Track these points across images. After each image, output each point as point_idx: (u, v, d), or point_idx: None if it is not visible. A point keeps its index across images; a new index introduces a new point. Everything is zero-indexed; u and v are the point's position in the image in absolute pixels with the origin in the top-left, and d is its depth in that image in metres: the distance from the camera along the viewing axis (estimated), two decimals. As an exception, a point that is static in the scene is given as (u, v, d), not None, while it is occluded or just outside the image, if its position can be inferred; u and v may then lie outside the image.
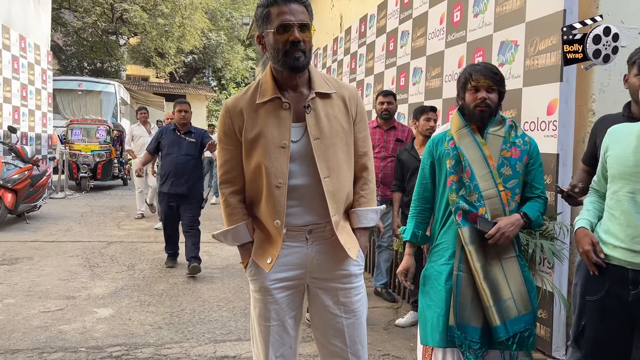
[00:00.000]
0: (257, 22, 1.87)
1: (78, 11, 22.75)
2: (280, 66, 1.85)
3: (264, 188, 1.89)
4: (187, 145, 5.40)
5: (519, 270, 2.32)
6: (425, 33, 5.10)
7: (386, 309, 4.48)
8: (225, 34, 28.04)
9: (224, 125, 1.94)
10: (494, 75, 2.32)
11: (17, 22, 10.52)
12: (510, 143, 2.34)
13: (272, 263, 1.90)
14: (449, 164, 2.36)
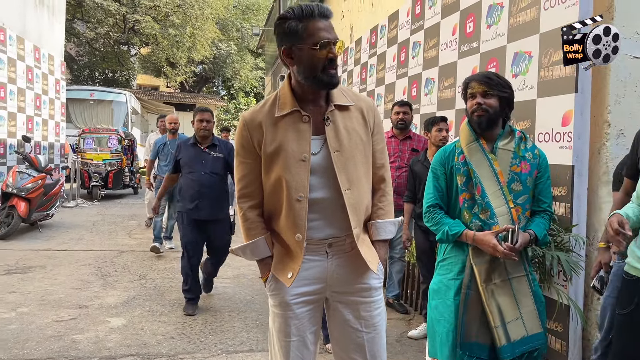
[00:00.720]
0: (285, 34, 1.82)
1: (91, 22, 23.05)
2: (313, 81, 1.83)
3: (284, 202, 1.87)
4: (212, 161, 4.48)
5: (529, 289, 2.28)
6: (437, 44, 5.11)
7: (398, 320, 4.45)
8: (235, 44, 28.27)
9: (242, 139, 1.91)
10: (488, 80, 2.29)
11: (31, 33, 10.67)
12: (520, 157, 2.31)
13: (292, 278, 1.88)
14: (460, 180, 2.34)
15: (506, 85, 2.33)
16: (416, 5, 5.69)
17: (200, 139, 4.53)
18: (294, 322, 1.92)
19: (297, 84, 1.88)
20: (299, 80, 1.85)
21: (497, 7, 4.07)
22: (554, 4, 3.44)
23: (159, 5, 22.10)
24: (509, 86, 2.35)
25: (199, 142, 4.54)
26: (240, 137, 1.93)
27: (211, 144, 4.54)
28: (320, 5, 1.81)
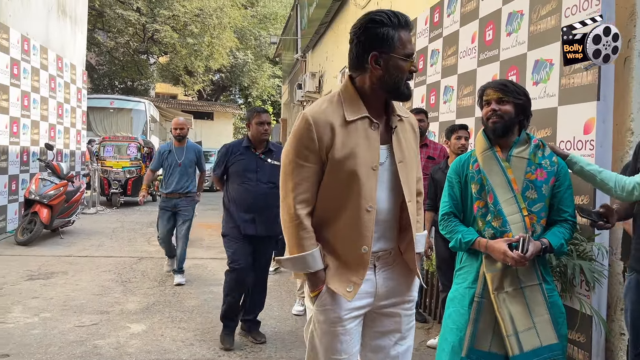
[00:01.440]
0: (377, 39, 1.73)
1: (111, 31, 23.45)
2: (392, 92, 1.79)
3: (349, 211, 1.77)
4: (269, 169, 3.92)
5: (543, 298, 2.24)
6: (456, 52, 5.11)
7: (417, 329, 4.40)
8: (252, 53, 28.51)
9: (306, 140, 1.75)
10: (503, 87, 2.29)
11: (54, 43, 10.89)
12: (536, 165, 2.28)
13: (354, 291, 1.78)
14: (474, 188, 2.34)
15: (522, 92, 2.32)
16: (434, 14, 5.70)
17: (257, 143, 4.00)
18: (344, 339, 1.82)
19: (369, 90, 1.80)
20: (375, 87, 1.79)
21: (517, 14, 4.06)
22: (575, 12, 3.42)
23: (177, 15, 22.40)
24: (525, 94, 2.34)
25: (254, 146, 4.00)
26: (303, 138, 1.76)
27: (267, 150, 4.01)
28: (407, 16, 1.79)
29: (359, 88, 1.82)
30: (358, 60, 1.79)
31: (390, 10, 1.77)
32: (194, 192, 5.90)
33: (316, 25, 12.77)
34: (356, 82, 1.83)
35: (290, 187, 1.78)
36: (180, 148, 5.87)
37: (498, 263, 2.24)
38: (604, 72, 3.19)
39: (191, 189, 5.85)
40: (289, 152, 1.80)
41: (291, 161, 1.78)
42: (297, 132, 1.78)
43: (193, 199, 5.90)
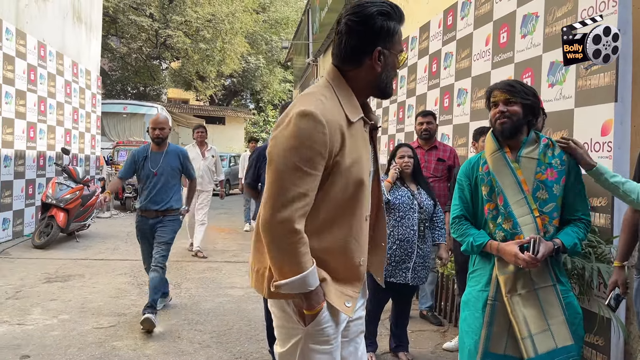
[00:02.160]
0: (382, 33, 1.57)
1: (124, 37, 23.72)
2: (380, 89, 1.65)
3: (350, 221, 1.61)
4: None
5: (557, 300, 2.22)
6: (470, 54, 5.11)
7: (433, 332, 4.42)
8: (264, 58, 28.65)
9: (320, 145, 1.48)
10: (510, 88, 2.27)
11: (70, 49, 11.03)
12: (546, 165, 2.26)
13: (352, 306, 1.64)
14: (485, 190, 2.33)
15: (530, 92, 2.30)
16: (448, 17, 5.71)
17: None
18: (336, 355, 1.66)
19: (360, 87, 1.63)
20: (368, 84, 1.63)
21: (532, 17, 4.06)
22: (591, 13, 3.41)
23: (190, 20, 22.60)
24: (533, 94, 2.32)
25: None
26: (315, 142, 1.48)
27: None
28: None
29: (350, 83, 1.62)
30: (354, 53, 1.59)
31: (390, 2, 1.61)
32: (177, 209, 4.67)
33: (327, 30, 12.81)
34: (347, 76, 1.62)
35: (291, 197, 1.48)
36: (157, 153, 4.64)
37: (510, 265, 2.23)
38: (621, 73, 3.18)
39: (173, 204, 4.61)
40: (288, 154, 1.48)
41: (294, 168, 1.48)
42: (304, 134, 1.48)
43: (177, 219, 4.67)
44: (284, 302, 1.63)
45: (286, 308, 1.63)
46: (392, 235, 3.64)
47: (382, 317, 4.07)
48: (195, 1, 22.97)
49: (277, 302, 1.65)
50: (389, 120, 7.65)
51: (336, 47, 1.62)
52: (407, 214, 3.66)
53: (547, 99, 3.81)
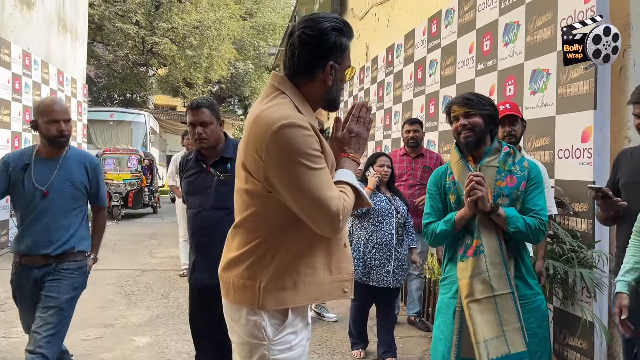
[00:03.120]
0: (335, 48, 1.61)
1: (111, 45, 23.60)
2: (329, 103, 1.69)
3: None
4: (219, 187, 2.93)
5: (514, 307, 2.23)
6: (454, 62, 5.17)
7: (420, 338, 4.44)
8: (252, 63, 28.67)
9: (314, 144, 1.53)
10: (467, 102, 2.32)
11: (55, 58, 10.98)
12: (506, 172, 2.31)
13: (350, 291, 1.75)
14: (452, 199, 2.39)
15: (487, 102, 2.36)
16: (432, 25, 5.78)
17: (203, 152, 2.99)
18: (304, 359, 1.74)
19: (312, 99, 1.67)
20: (320, 97, 1.67)
21: (514, 25, 4.13)
22: (570, 22, 3.48)
23: (176, 27, 22.56)
24: (490, 103, 2.38)
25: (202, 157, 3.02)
26: (312, 140, 1.53)
27: (219, 159, 2.98)
28: None
29: (305, 96, 1.66)
30: (307, 67, 1.61)
31: (341, 17, 1.66)
32: (82, 252, 2.94)
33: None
34: (300, 89, 1.65)
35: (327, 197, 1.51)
36: (47, 162, 2.88)
37: (468, 270, 2.26)
38: (600, 81, 3.25)
39: (75, 244, 2.88)
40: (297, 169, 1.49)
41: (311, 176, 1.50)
42: (297, 142, 1.49)
43: (80, 268, 2.94)
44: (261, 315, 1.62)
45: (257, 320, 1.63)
46: (371, 239, 3.78)
47: (369, 324, 4.10)
48: (181, 8, 22.96)
49: (241, 317, 1.64)
50: (375, 126, 7.70)
51: (288, 60, 1.64)
52: (385, 219, 3.80)
53: (529, 106, 3.88)
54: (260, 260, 1.62)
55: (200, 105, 2.80)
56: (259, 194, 1.60)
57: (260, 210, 1.62)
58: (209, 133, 2.77)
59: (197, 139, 2.78)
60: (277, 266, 1.61)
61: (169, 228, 11.64)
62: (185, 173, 2.94)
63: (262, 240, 1.62)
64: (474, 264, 2.26)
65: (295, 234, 1.61)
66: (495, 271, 2.24)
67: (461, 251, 2.33)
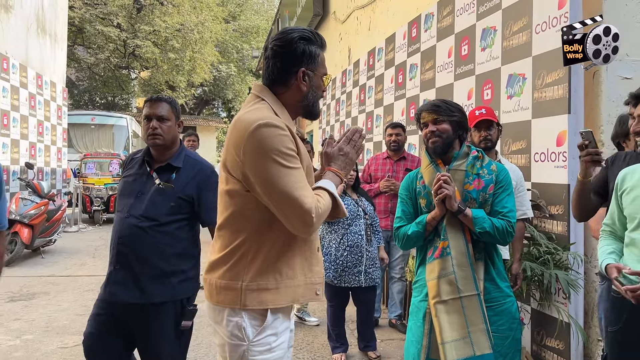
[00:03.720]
0: (305, 56, 1.71)
1: (91, 47, 23.36)
2: (307, 109, 1.78)
3: None
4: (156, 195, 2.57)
5: (480, 309, 2.26)
6: (434, 66, 5.22)
7: (401, 341, 4.46)
8: (235, 66, 28.59)
9: (288, 143, 1.60)
10: (436, 108, 2.36)
11: (34, 61, 10.83)
12: (474, 175, 2.36)
13: (321, 293, 1.81)
14: (423, 203, 2.43)
15: (455, 109, 2.39)
16: (412, 29, 5.82)
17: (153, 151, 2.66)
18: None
19: (290, 107, 1.76)
20: (297, 104, 1.76)
21: (491, 30, 4.18)
22: (545, 28, 3.54)
23: (158, 30, 22.41)
24: (459, 110, 2.41)
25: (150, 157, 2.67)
26: (289, 140, 1.61)
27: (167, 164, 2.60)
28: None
29: (282, 102, 1.76)
30: (282, 75, 1.72)
31: (310, 29, 1.79)
32: None
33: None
34: (278, 98, 1.76)
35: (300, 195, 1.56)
36: None
37: (435, 272, 2.30)
38: (574, 86, 3.30)
39: None
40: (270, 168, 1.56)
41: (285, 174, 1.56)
42: (281, 138, 1.58)
43: None
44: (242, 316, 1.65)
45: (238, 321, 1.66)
46: (342, 243, 3.86)
47: (351, 328, 4.11)
48: (163, 11, 22.81)
49: (223, 318, 1.68)
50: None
51: (265, 71, 1.76)
52: (354, 221, 3.90)
53: (506, 110, 3.93)
54: (242, 260, 1.66)
55: (161, 98, 2.59)
56: (238, 193, 1.66)
57: (240, 210, 1.67)
58: (164, 129, 2.51)
59: (150, 134, 2.49)
60: (259, 266, 1.65)
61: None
62: (126, 171, 2.61)
63: (243, 240, 1.66)
64: (441, 266, 2.30)
65: (276, 234, 1.66)
66: (462, 273, 2.27)
67: (429, 253, 2.37)
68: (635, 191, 2.10)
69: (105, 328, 2.42)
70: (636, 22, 3.37)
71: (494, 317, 2.29)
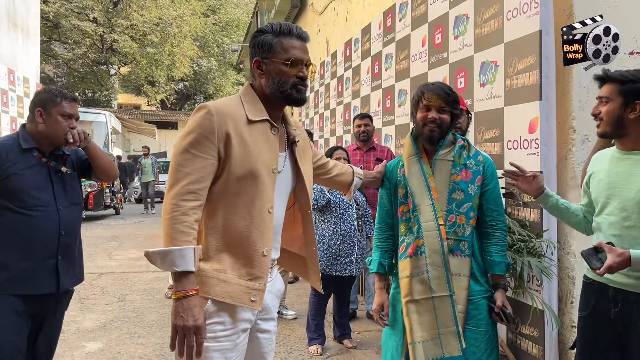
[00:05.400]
0: (259, 47, 1.81)
1: (68, 43, 22.97)
2: (281, 96, 1.80)
3: (249, 212, 1.70)
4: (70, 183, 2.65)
5: (452, 310, 2.20)
6: (408, 55, 5.18)
7: (378, 332, 4.44)
8: (216, 60, 28.34)
9: (204, 128, 1.65)
10: (446, 96, 2.25)
11: (5, 56, 10.58)
12: (461, 166, 2.28)
13: (259, 300, 1.71)
14: (401, 192, 2.34)
15: (457, 101, 2.32)
16: (387, 18, 5.77)
17: (47, 143, 2.53)
18: (232, 354, 1.71)
19: (264, 96, 1.83)
20: (267, 92, 1.81)
21: (463, 18, 4.15)
22: (516, 14, 3.51)
23: (136, 24, 22.11)
24: (458, 102, 2.34)
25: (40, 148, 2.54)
26: (201, 126, 1.66)
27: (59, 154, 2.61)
28: (298, 27, 1.84)
29: (257, 93, 1.84)
30: (251, 68, 1.86)
31: (279, 22, 1.87)
32: None
33: (276, 32, 12.76)
34: (254, 88, 1.86)
35: (178, 177, 1.63)
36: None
37: (408, 269, 2.25)
38: (545, 72, 3.28)
39: None
40: (181, 143, 1.67)
41: (184, 151, 1.65)
42: (194, 122, 1.67)
43: None
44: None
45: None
46: (335, 232, 3.92)
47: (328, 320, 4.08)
48: (141, 4, 22.49)
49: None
50: (336, 122, 7.68)
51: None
52: (347, 211, 3.97)
53: (479, 99, 3.90)
54: (199, 237, 1.70)
55: (77, 99, 2.65)
56: None
57: None
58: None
59: (68, 132, 2.48)
60: (204, 252, 1.68)
61: (131, 229, 11.40)
62: (10, 166, 2.38)
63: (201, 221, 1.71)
64: (414, 264, 2.23)
65: (215, 222, 1.70)
66: (435, 272, 2.20)
67: (402, 249, 2.29)
68: (599, 175, 2.08)
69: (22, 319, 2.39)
70: (607, 6, 3.36)
71: (473, 310, 2.24)
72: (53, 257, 2.42)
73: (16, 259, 2.33)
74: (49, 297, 2.44)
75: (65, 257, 2.47)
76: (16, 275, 2.33)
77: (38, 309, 2.42)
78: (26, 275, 2.36)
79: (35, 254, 2.37)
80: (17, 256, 2.33)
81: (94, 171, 2.67)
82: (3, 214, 2.33)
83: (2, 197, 2.34)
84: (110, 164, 2.72)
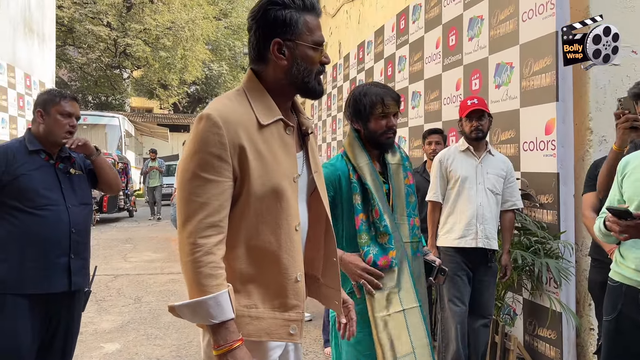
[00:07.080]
0: (278, 24, 1.42)
1: (82, 47, 23.24)
2: (301, 87, 1.48)
3: (275, 233, 1.42)
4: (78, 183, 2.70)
5: (422, 322, 2.11)
6: (422, 57, 5.18)
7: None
8: (227, 64, 28.50)
9: (213, 145, 1.35)
10: (400, 101, 2.19)
11: (21, 61, 10.74)
12: (407, 169, 2.25)
13: (299, 332, 1.45)
14: (356, 200, 2.11)
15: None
16: (400, 21, 5.78)
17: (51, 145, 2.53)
18: None
19: (275, 86, 1.48)
20: (282, 82, 1.47)
21: (478, 19, 4.14)
22: (532, 16, 3.50)
23: (149, 28, 22.30)
24: None
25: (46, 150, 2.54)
26: (209, 144, 1.35)
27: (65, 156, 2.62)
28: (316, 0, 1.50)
29: (265, 84, 1.48)
30: (259, 50, 1.46)
31: None
32: None
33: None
34: (261, 77, 1.49)
35: (193, 209, 1.34)
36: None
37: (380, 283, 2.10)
38: (562, 74, 3.27)
39: None
40: (187, 165, 1.37)
41: (193, 176, 1.35)
42: (199, 139, 1.36)
43: None
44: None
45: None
46: None
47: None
48: (154, 9, 22.70)
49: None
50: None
51: (248, 49, 1.52)
52: None
53: (494, 100, 3.89)
54: None
55: (76, 98, 2.70)
56: None
57: None
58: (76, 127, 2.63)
59: (68, 131, 2.53)
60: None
61: (144, 231, 11.49)
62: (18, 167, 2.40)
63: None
64: (389, 277, 2.08)
65: (236, 250, 1.41)
66: (406, 285, 2.11)
67: (369, 261, 2.07)
68: (635, 174, 2.07)
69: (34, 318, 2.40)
70: (623, 7, 3.34)
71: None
72: (65, 256, 2.43)
73: (29, 259, 2.34)
74: (62, 296, 2.44)
75: (77, 256, 2.47)
76: (29, 275, 2.34)
77: (52, 309, 2.43)
78: (39, 274, 2.36)
79: (48, 253, 2.38)
80: (29, 256, 2.34)
81: (99, 182, 2.71)
82: (14, 214, 2.35)
83: (12, 198, 2.35)
84: (115, 178, 2.76)
